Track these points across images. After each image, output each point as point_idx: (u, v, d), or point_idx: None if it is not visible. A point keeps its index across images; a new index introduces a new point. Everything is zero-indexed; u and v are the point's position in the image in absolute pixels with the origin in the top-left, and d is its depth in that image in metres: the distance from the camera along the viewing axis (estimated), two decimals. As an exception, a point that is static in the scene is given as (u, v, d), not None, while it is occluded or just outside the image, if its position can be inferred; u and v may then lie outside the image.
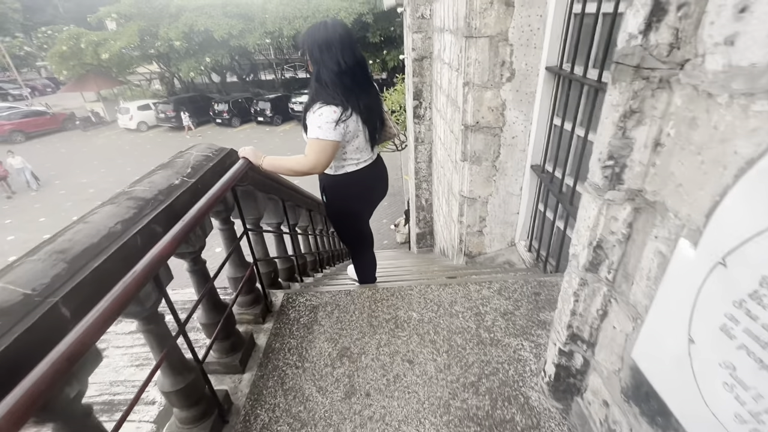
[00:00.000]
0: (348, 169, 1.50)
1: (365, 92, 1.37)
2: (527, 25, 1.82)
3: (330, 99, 1.30)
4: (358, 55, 1.33)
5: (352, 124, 1.35)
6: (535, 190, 2.18)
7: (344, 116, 1.30)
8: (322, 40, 1.29)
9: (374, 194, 1.64)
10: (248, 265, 1.44)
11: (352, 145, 1.44)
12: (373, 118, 1.44)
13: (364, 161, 1.52)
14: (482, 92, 2.01)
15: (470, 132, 2.14)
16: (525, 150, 2.13)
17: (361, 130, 1.41)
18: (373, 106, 1.43)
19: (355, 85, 1.32)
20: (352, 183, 1.52)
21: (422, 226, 4.89)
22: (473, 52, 1.94)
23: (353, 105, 1.32)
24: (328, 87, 1.31)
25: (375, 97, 1.45)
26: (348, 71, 1.30)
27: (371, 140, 1.48)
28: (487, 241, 2.51)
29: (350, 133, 1.37)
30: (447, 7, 2.71)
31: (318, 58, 1.30)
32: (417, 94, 4.05)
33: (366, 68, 1.37)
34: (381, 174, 1.64)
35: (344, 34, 1.30)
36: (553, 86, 1.87)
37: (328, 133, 1.30)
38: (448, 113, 2.98)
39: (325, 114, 1.29)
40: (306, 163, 1.33)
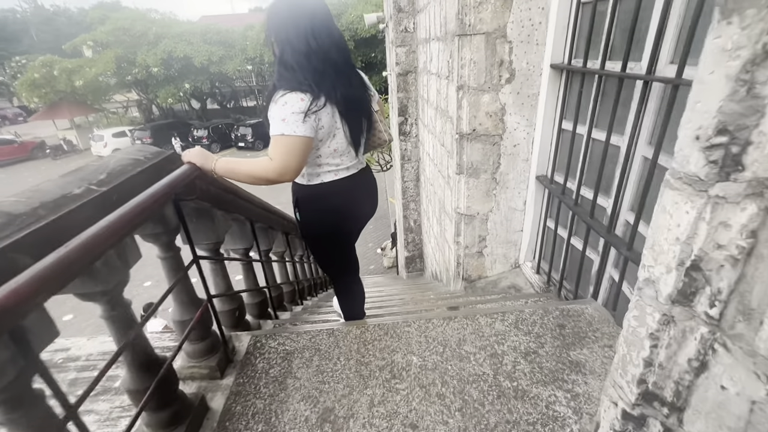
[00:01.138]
0: (325, 177, 1.21)
1: (344, 79, 1.11)
2: (528, 20, 1.63)
3: (296, 84, 1.02)
4: (334, 35, 1.08)
5: (326, 117, 1.07)
6: (542, 204, 1.94)
7: (315, 106, 1.02)
8: (286, 14, 1.04)
9: (361, 210, 1.35)
10: (201, 302, 1.12)
11: (328, 147, 1.15)
12: (355, 113, 1.17)
13: (346, 168, 1.23)
14: (479, 96, 1.79)
15: (466, 141, 1.90)
16: (528, 159, 1.91)
17: (340, 128, 1.14)
18: (356, 98, 1.16)
19: (330, 68, 1.06)
20: (332, 195, 1.22)
21: (411, 249, 4.61)
22: (467, 52, 1.73)
23: (327, 93, 1.05)
24: (294, 70, 1.04)
25: (359, 88, 1.19)
26: (319, 51, 1.04)
27: (354, 142, 1.21)
28: (488, 263, 2.24)
29: (323, 129, 1.09)
30: (433, 13, 2.55)
31: (283, 37, 1.05)
32: (402, 110, 3.86)
33: (345, 51, 1.12)
34: (368, 186, 1.35)
35: (316, 6, 1.05)
36: (560, 85, 1.67)
37: (296, 127, 1.01)
38: (438, 126, 2.77)
39: (291, 102, 1.01)
40: (271, 168, 1.04)
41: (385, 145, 1.37)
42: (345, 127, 1.14)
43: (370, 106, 1.25)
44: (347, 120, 1.13)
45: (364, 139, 1.25)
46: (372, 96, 1.26)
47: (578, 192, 1.51)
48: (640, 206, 1.19)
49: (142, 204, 0.78)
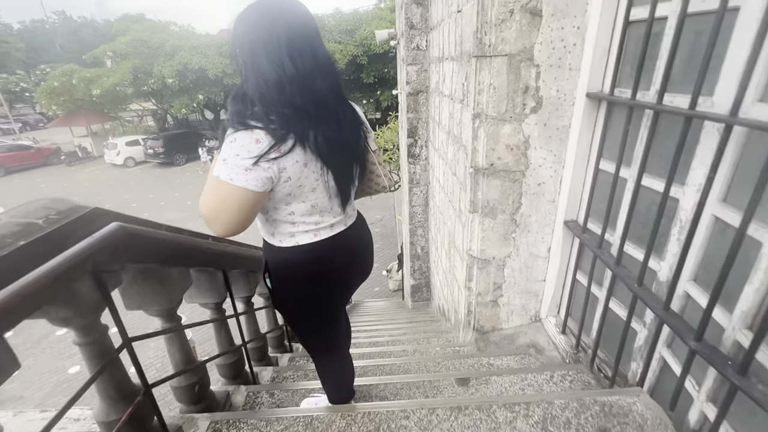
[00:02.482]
0: (301, 239, 0.95)
1: (329, 117, 0.85)
2: (559, 40, 1.38)
3: (253, 121, 0.78)
4: (320, 56, 0.83)
5: (294, 167, 0.82)
6: (570, 254, 1.66)
7: (276, 150, 0.78)
8: (254, 27, 0.79)
9: (349, 276, 1.09)
10: (136, 392, 0.86)
11: (302, 203, 0.90)
12: (344, 159, 0.92)
13: (330, 226, 0.97)
14: (498, 126, 1.54)
15: (482, 177, 1.64)
16: (555, 200, 1.63)
17: (320, 179, 0.89)
18: (345, 141, 0.90)
19: (310, 102, 0.80)
20: (310, 262, 0.96)
21: (417, 277, 4.32)
22: (486, 76, 1.48)
23: (300, 134, 0.80)
24: (254, 104, 0.80)
25: (350, 127, 0.93)
26: (296, 79, 0.78)
27: (341, 194, 0.95)
28: (503, 314, 1.94)
29: (290, 182, 0.84)
30: (447, 31, 2.32)
31: (247, 59, 0.80)
32: (412, 131, 3.63)
33: (333, 77, 0.87)
34: (360, 246, 1.09)
35: (297, 17, 0.80)
36: (597, 118, 1.40)
37: (234, 174, 0.76)
38: (449, 153, 2.51)
39: (240, 141, 0.76)
40: (203, 215, 0.80)
41: (385, 191, 1.12)
42: (328, 176, 0.89)
43: (364, 149, 0.99)
44: (332, 168, 0.88)
45: (356, 188, 1.00)
46: (367, 133, 1.01)
47: (621, 249, 1.23)
48: (717, 286, 0.90)
49: (19, 292, 0.53)
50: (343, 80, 18.34)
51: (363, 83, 16.77)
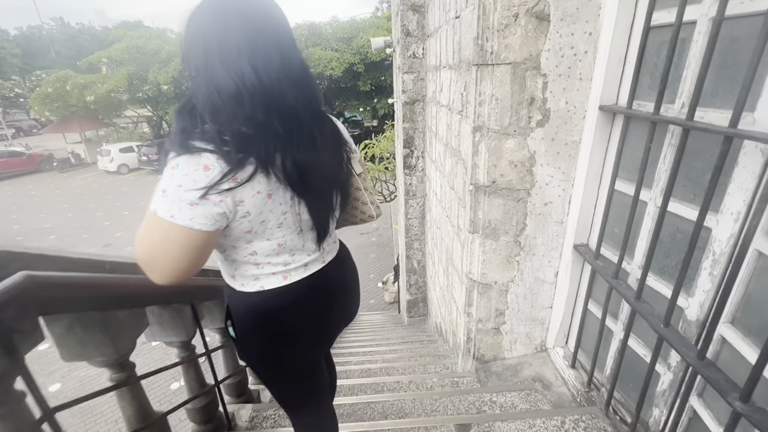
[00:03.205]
0: (267, 282, 0.79)
1: (301, 136, 0.69)
2: (569, 48, 1.25)
3: (202, 143, 0.62)
4: (291, 63, 0.68)
5: (255, 199, 0.67)
6: (580, 280, 1.52)
7: (230, 179, 0.62)
8: (209, 26, 0.64)
9: (328, 325, 0.93)
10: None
11: (267, 241, 0.74)
12: (320, 187, 0.76)
13: (303, 266, 0.81)
14: (501, 141, 1.40)
15: (483, 195, 1.50)
16: (563, 222, 1.49)
17: (289, 211, 0.73)
18: (322, 164, 0.75)
19: (276, 118, 0.65)
20: (280, 310, 0.80)
21: (414, 292, 4.16)
22: (488, 86, 1.35)
23: (262, 158, 0.65)
24: (205, 120, 0.65)
25: (328, 147, 0.77)
26: (258, 91, 0.63)
27: (318, 229, 0.79)
28: (506, 343, 1.79)
29: (249, 217, 0.68)
30: (445, 38, 2.20)
31: (199, 64, 0.64)
32: (408, 141, 3.50)
33: (308, 88, 0.71)
34: (342, 286, 0.92)
35: (263, 14, 0.66)
36: (611, 133, 1.27)
37: (177, 209, 0.61)
38: (447, 165, 2.38)
39: (184, 168, 0.61)
40: (138, 257, 0.65)
41: (372, 221, 0.97)
42: (301, 208, 0.74)
43: (347, 173, 0.84)
44: (305, 197, 0.73)
45: (336, 219, 0.85)
46: (351, 154, 0.86)
47: (642, 282, 1.08)
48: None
49: None
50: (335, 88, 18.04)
51: (360, 91, 16.73)
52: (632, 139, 1.17)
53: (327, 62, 14.92)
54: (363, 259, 8.39)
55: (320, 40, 16.04)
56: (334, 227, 0.88)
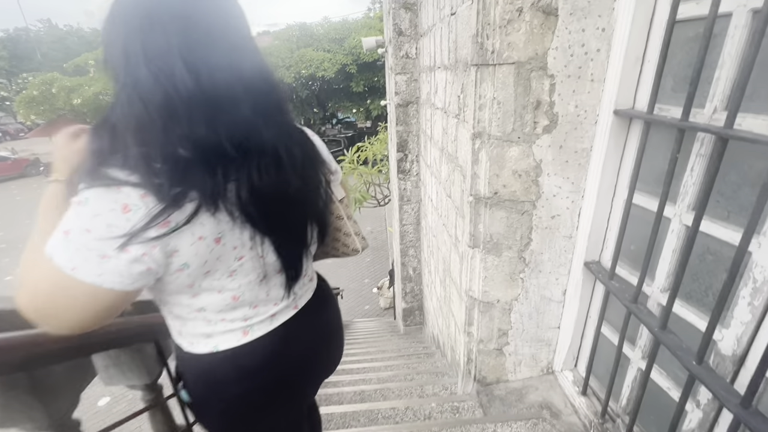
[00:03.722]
0: (221, 342, 0.64)
1: (263, 156, 0.55)
2: (579, 45, 1.13)
3: (122, 171, 0.48)
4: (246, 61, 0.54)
5: (193, 246, 0.52)
6: (591, 300, 1.39)
7: (162, 223, 0.48)
8: (131, 17, 0.49)
9: (304, 384, 0.78)
10: None
11: (215, 295, 0.59)
12: (288, 219, 0.62)
13: (270, 318, 0.67)
14: (504, 148, 1.27)
15: (484, 207, 1.37)
16: (572, 236, 1.36)
17: (247, 255, 0.59)
18: (294, 191, 0.60)
19: (226, 137, 0.50)
20: (239, 379, 0.65)
21: (409, 300, 4.03)
22: (489, 88, 1.22)
23: (207, 189, 0.50)
24: (127, 140, 0.49)
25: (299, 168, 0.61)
26: (200, 100, 0.49)
27: (288, 270, 0.65)
28: (509, 365, 1.66)
29: (188, 269, 0.54)
30: (440, 37, 2.07)
31: (119, 64, 0.50)
32: (402, 145, 3.37)
33: (272, 96, 0.58)
34: (319, 336, 0.77)
35: (200, 2, 0.50)
36: (627, 140, 1.15)
37: (81, 260, 0.46)
38: (443, 172, 2.25)
39: (95, 206, 0.46)
40: (21, 305, 0.49)
41: (356, 254, 0.83)
42: (264, 248, 0.60)
43: (324, 200, 0.70)
44: (270, 235, 0.59)
45: (311, 256, 0.71)
46: (331, 176, 0.72)
47: (668, 311, 0.95)
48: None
49: None
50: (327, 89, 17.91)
51: (353, 92, 16.58)
52: (652, 147, 1.05)
53: (319, 63, 14.75)
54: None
55: (312, 40, 15.87)
56: (309, 265, 0.74)
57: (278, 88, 0.59)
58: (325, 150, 0.73)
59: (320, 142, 0.72)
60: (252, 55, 0.54)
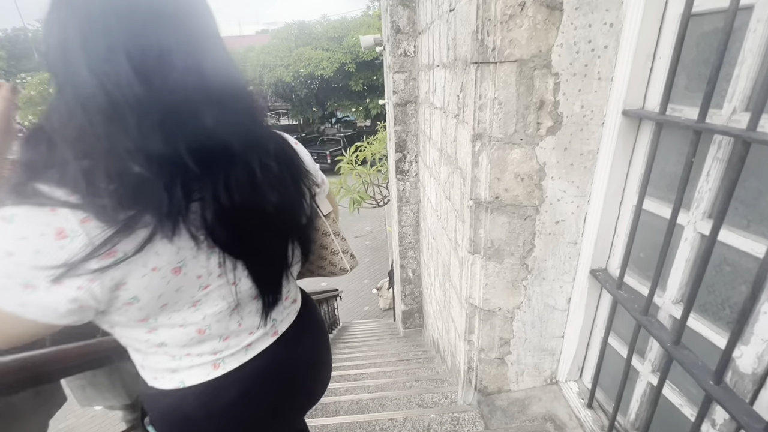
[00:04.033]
0: (188, 377, 0.57)
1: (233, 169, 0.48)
2: (586, 42, 1.06)
3: (58, 188, 0.40)
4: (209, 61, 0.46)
5: (144, 279, 0.45)
6: (597, 309, 1.33)
7: (106, 254, 0.40)
8: (70, 8, 0.42)
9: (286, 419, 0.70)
10: None
11: (177, 330, 0.53)
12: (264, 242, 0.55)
13: (242, 350, 0.60)
14: (505, 151, 1.21)
15: (485, 212, 1.31)
16: (577, 243, 1.30)
17: (215, 284, 0.52)
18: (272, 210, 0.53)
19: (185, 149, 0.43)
20: (209, 416, 0.58)
21: (409, 302, 3.97)
22: (489, 87, 1.16)
23: (164, 210, 0.43)
24: (65, 151, 0.42)
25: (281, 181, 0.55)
26: (152, 105, 0.42)
27: (265, 296, 0.58)
28: (511, 374, 1.60)
29: (138, 303, 0.47)
30: (438, 34, 2.01)
31: (57, 63, 0.44)
32: (400, 145, 3.31)
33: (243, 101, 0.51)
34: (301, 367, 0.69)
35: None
36: (636, 142, 1.08)
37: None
38: (442, 173, 2.19)
39: (21, 228, 0.39)
40: None
41: (344, 273, 0.77)
42: (237, 274, 0.54)
43: (309, 215, 0.63)
44: (244, 256, 0.52)
45: (293, 277, 0.64)
46: (316, 188, 0.65)
47: (683, 325, 0.89)
48: None
49: None
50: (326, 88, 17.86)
51: (352, 91, 16.49)
52: (663, 150, 0.99)
53: (318, 62, 14.66)
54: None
55: (311, 39, 15.78)
56: (291, 286, 0.67)
57: (249, 93, 0.52)
58: (309, 160, 0.66)
59: (304, 151, 0.65)
60: (217, 55, 0.48)
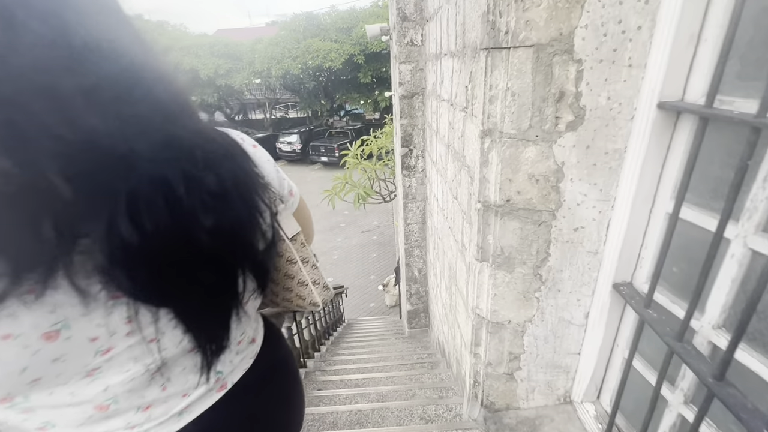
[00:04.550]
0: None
1: (140, 191, 0.35)
2: (615, 22, 0.91)
3: None
4: (92, 39, 0.33)
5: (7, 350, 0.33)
6: (620, 326, 1.19)
7: None
8: None
9: None
10: None
11: (65, 409, 0.39)
12: (200, 279, 0.41)
13: (176, 416, 0.47)
14: (518, 149, 1.07)
15: (495, 216, 1.18)
16: (598, 252, 1.16)
17: (117, 346, 0.40)
18: (206, 237, 0.39)
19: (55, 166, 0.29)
20: None
21: (414, 302, 3.85)
22: (502, 76, 1.02)
23: (19, 257, 0.29)
24: None
25: (223, 199, 0.42)
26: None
27: (205, 347, 0.45)
28: (521, 391, 1.48)
29: (4, 374, 0.33)
30: (446, 20, 1.86)
31: None
32: (406, 139, 3.17)
33: (152, 94, 0.38)
34: (262, 421, 0.57)
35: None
36: (671, 140, 0.93)
37: None
38: (449, 170, 2.05)
39: None
40: None
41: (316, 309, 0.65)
42: (157, 326, 0.42)
43: (264, 238, 0.49)
44: (168, 302, 0.41)
45: (248, 312, 0.52)
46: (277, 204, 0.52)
47: (729, 358, 0.75)
48: None
49: None
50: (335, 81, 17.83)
51: (360, 83, 16.27)
52: (707, 149, 0.84)
53: (326, 53, 14.46)
54: (363, 259, 8.11)
55: (319, 30, 15.57)
56: (248, 324, 0.55)
57: (166, 84, 0.40)
58: (271, 168, 0.53)
59: (265, 158, 0.52)
60: (112, 31, 0.35)
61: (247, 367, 0.56)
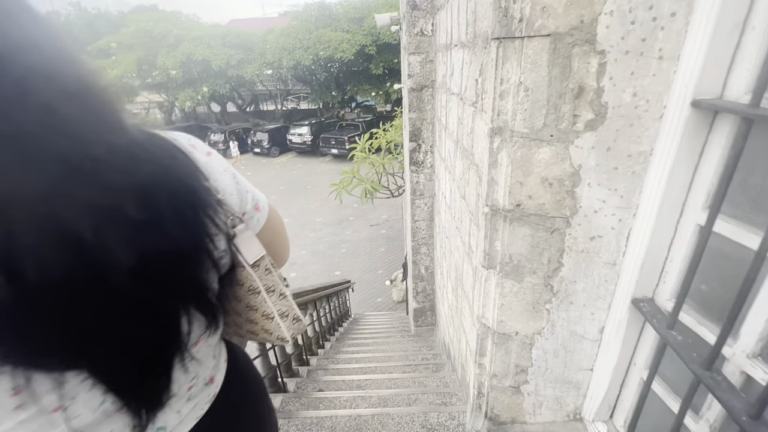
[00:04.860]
0: None
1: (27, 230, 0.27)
2: (645, 8, 0.80)
3: None
4: None
5: None
6: (638, 344, 1.10)
7: None
8: None
9: None
10: None
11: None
12: (116, 328, 0.33)
13: None
14: (531, 149, 0.98)
15: (503, 221, 1.09)
16: (617, 263, 1.06)
17: (6, 416, 0.31)
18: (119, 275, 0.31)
19: None
20: None
21: (421, 300, 3.78)
22: (514, 69, 0.92)
23: None
24: None
25: (155, 226, 0.34)
26: None
27: (137, 404, 0.37)
28: (527, 405, 1.39)
29: None
30: (457, 8, 1.75)
31: None
32: (415, 134, 3.07)
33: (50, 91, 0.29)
34: None
35: None
36: (706, 142, 0.83)
37: None
38: (458, 168, 1.96)
39: None
40: None
41: (283, 343, 0.57)
42: (65, 392, 0.33)
43: (214, 267, 0.42)
44: (75, 363, 0.32)
45: (195, 362, 0.44)
46: (235, 224, 0.43)
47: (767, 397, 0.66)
48: None
49: None
50: (347, 72, 17.79)
51: (372, 74, 16.08)
52: (748, 154, 0.73)
53: (337, 44, 14.30)
54: (371, 253, 8.06)
55: (330, 20, 15.39)
56: (201, 367, 0.47)
57: (74, 97, 0.32)
58: (228, 179, 0.44)
59: (219, 167, 0.44)
60: None
61: (201, 414, 0.49)
